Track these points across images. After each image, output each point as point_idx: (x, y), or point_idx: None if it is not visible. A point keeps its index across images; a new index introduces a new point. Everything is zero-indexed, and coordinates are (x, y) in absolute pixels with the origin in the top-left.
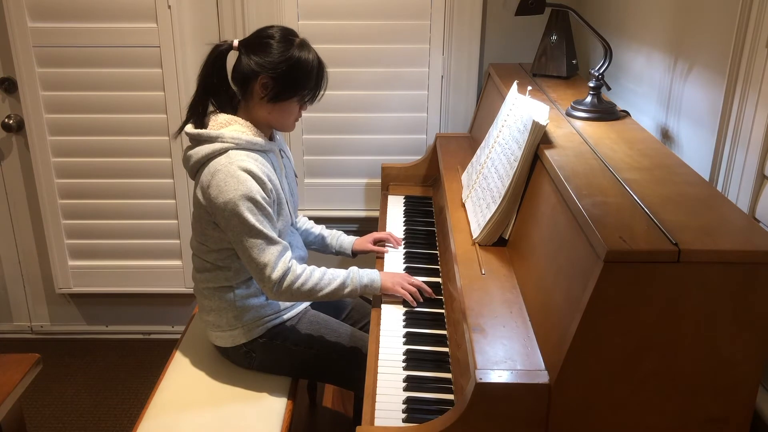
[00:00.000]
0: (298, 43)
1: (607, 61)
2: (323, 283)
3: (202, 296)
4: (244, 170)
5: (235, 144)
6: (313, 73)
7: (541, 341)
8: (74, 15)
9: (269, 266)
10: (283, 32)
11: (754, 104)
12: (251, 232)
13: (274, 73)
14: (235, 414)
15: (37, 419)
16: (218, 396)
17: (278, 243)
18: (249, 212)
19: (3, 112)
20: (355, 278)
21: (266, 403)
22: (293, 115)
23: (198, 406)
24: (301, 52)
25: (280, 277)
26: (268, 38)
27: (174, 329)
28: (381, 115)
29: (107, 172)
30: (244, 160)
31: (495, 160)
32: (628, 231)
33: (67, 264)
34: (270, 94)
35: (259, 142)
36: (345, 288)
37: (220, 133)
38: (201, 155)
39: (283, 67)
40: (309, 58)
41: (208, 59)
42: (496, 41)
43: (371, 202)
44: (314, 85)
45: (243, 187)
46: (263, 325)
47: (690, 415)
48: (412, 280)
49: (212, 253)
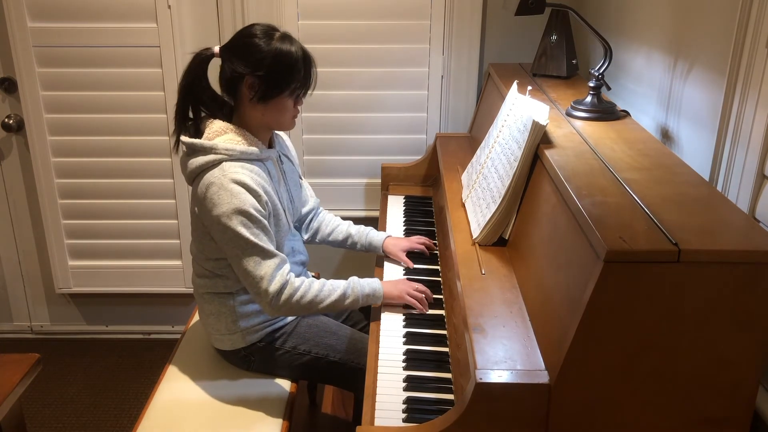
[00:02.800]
0: (278, 36)
1: (607, 61)
2: (323, 294)
3: (202, 300)
4: (237, 183)
5: (229, 155)
6: (298, 65)
7: (541, 341)
8: (74, 15)
9: (265, 279)
10: (263, 29)
11: (754, 104)
12: (246, 246)
13: (259, 72)
14: (235, 414)
15: (37, 419)
16: (218, 396)
17: (275, 256)
18: (243, 226)
19: (3, 112)
20: (356, 288)
21: (266, 403)
22: (289, 112)
23: (198, 407)
24: (283, 45)
25: (278, 290)
26: (248, 37)
27: (174, 329)
28: (381, 115)
29: (107, 172)
30: (238, 173)
31: (495, 160)
32: (628, 231)
33: (67, 264)
34: (258, 93)
35: (253, 152)
36: (346, 299)
37: (213, 144)
38: (195, 166)
39: (266, 63)
40: (292, 50)
41: (189, 67)
42: (496, 41)
43: (371, 202)
44: (302, 77)
45: (236, 200)
46: (262, 330)
47: (690, 415)
48: (416, 285)
49: (210, 262)
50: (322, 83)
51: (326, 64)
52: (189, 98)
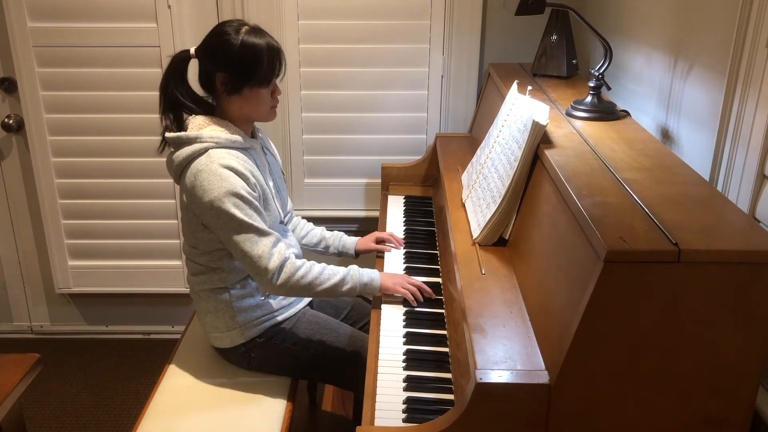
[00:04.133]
0: (245, 31)
1: (607, 61)
2: (323, 277)
3: (198, 299)
4: (225, 167)
5: (215, 143)
6: (262, 56)
7: (541, 341)
8: (74, 15)
9: (264, 257)
10: (233, 25)
11: (754, 104)
12: (241, 226)
13: (227, 67)
14: (235, 414)
15: (37, 419)
16: (218, 396)
17: (270, 234)
18: (236, 207)
19: (3, 112)
20: (354, 276)
21: (266, 403)
22: (266, 103)
23: (198, 407)
24: (248, 38)
25: (278, 267)
26: (217, 36)
27: (174, 329)
28: (381, 115)
29: (107, 172)
30: (225, 158)
31: (495, 160)
32: (628, 231)
33: (67, 264)
34: (229, 87)
35: (238, 140)
36: (344, 285)
37: (199, 134)
38: (182, 157)
39: (233, 57)
40: (257, 42)
41: (167, 69)
42: (496, 41)
43: (371, 202)
44: (268, 66)
45: (226, 183)
46: (261, 325)
47: (690, 415)
48: (412, 280)
49: (204, 256)
50: (323, 83)
51: (326, 64)
52: (170, 99)
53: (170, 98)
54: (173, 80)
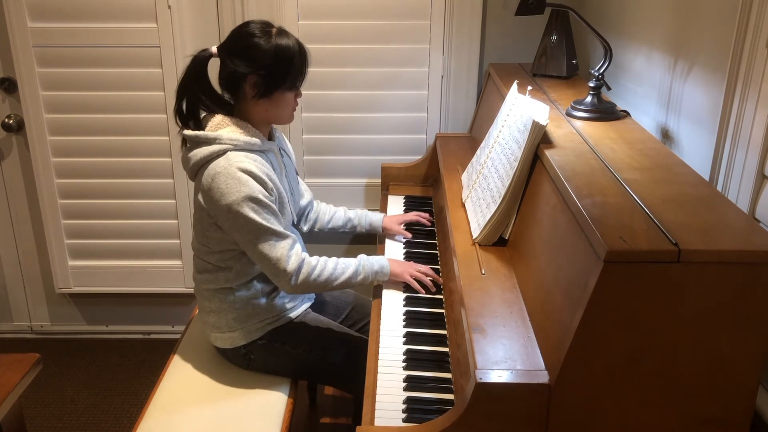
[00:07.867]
0: (275, 32)
1: (607, 61)
2: (337, 272)
3: (202, 297)
4: (243, 171)
5: (234, 145)
6: (296, 58)
7: (541, 341)
8: (74, 15)
9: (282, 260)
10: (260, 26)
11: (754, 104)
12: (259, 230)
13: (261, 70)
14: (235, 414)
15: (37, 419)
16: (218, 396)
17: (288, 236)
18: (254, 212)
19: (3, 112)
20: (366, 265)
21: (266, 403)
22: (290, 106)
23: (198, 406)
24: (281, 41)
25: (296, 269)
26: (246, 37)
27: (174, 329)
28: (381, 115)
29: (107, 172)
30: (243, 161)
31: (495, 160)
32: (628, 231)
33: (67, 264)
34: (261, 90)
35: (256, 143)
36: (358, 275)
37: (218, 135)
38: (199, 157)
39: (268, 61)
40: (290, 44)
41: (188, 68)
42: (496, 41)
43: (371, 202)
44: (300, 68)
45: (245, 188)
46: (262, 328)
47: (690, 415)
48: (419, 267)
49: (214, 255)
50: (323, 83)
51: (326, 64)
52: (190, 97)
53: (191, 96)
54: (195, 79)
